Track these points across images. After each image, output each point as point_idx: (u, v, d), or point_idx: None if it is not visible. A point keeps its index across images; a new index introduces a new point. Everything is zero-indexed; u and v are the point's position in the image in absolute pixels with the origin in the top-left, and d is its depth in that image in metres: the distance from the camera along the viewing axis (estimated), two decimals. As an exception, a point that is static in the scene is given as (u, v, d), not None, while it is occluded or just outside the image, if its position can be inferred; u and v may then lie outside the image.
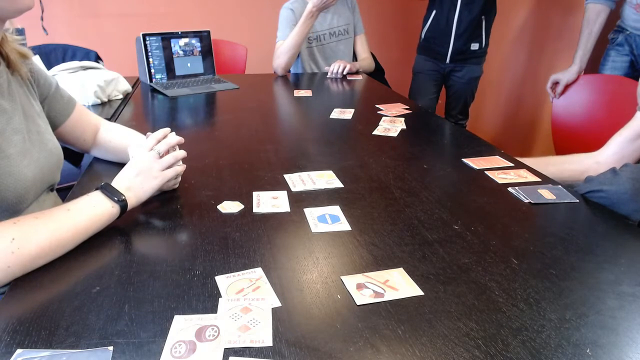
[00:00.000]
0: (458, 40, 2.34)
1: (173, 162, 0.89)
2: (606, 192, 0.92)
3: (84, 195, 0.77)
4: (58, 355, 0.53)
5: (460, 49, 2.36)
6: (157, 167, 0.86)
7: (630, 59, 2.06)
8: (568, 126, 1.96)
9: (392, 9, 2.95)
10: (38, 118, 0.87)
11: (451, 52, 2.37)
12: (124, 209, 0.79)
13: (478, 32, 2.34)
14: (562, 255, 0.77)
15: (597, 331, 0.60)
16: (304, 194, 0.96)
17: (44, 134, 0.86)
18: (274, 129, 1.47)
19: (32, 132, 0.83)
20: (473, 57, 2.39)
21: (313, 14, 2.02)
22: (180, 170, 0.92)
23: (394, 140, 1.32)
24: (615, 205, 0.90)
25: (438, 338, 0.58)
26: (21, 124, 0.80)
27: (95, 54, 2.09)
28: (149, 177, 0.85)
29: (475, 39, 2.35)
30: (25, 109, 0.84)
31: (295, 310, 0.62)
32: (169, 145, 0.89)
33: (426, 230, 0.83)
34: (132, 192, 0.82)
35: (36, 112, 0.87)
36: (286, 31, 2.12)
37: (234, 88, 1.90)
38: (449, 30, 2.33)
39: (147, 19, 2.67)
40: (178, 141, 0.90)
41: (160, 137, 0.89)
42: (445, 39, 2.36)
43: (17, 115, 0.80)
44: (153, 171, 0.86)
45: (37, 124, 0.85)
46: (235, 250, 0.76)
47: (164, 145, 0.88)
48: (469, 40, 2.34)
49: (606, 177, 0.94)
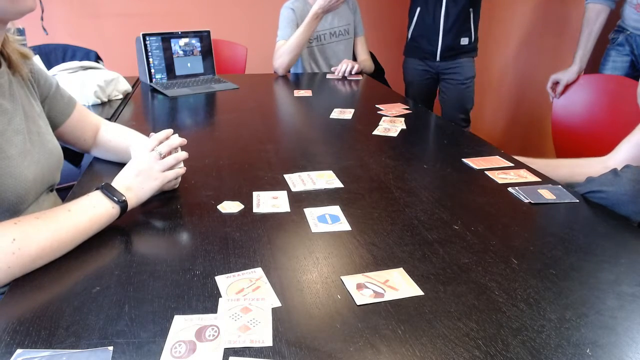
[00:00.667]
0: (447, 36, 2.28)
1: (174, 164, 0.89)
2: (606, 193, 0.92)
3: (84, 196, 0.77)
4: (58, 355, 0.53)
5: (449, 45, 2.30)
6: (157, 168, 0.86)
7: (631, 59, 2.06)
8: (568, 126, 1.96)
9: (392, 8, 2.95)
10: (38, 119, 0.87)
11: (440, 49, 2.31)
12: (124, 210, 0.79)
13: (467, 26, 2.29)
14: (562, 255, 0.77)
15: (597, 331, 0.60)
16: (304, 194, 0.96)
17: (44, 135, 0.86)
18: (274, 129, 1.47)
19: (33, 133, 0.83)
20: (463, 52, 2.33)
21: (318, 15, 2.02)
22: (180, 172, 0.92)
23: (394, 140, 1.32)
24: (615, 207, 0.90)
25: (438, 338, 0.58)
26: (22, 125, 0.80)
27: (95, 54, 2.09)
28: (149, 178, 0.85)
29: (464, 33, 2.29)
30: (26, 109, 0.84)
31: (295, 310, 0.62)
32: (170, 146, 0.89)
33: (426, 230, 0.83)
34: (132, 192, 0.82)
35: (37, 113, 0.87)
36: (287, 30, 2.12)
37: (234, 88, 1.90)
38: (437, 27, 2.28)
39: (147, 19, 2.67)
40: (180, 143, 0.90)
41: (162, 138, 0.89)
42: (433, 36, 2.30)
43: (18, 116, 0.80)
44: (153, 172, 0.86)
45: (37, 124, 0.86)
46: (235, 250, 0.76)
47: (165, 146, 0.88)
48: (458, 35, 2.29)
49: (607, 178, 0.94)
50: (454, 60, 2.35)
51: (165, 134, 0.90)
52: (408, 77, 2.50)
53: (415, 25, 2.37)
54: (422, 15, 2.31)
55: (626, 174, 0.92)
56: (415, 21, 2.35)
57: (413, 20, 2.37)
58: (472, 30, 2.31)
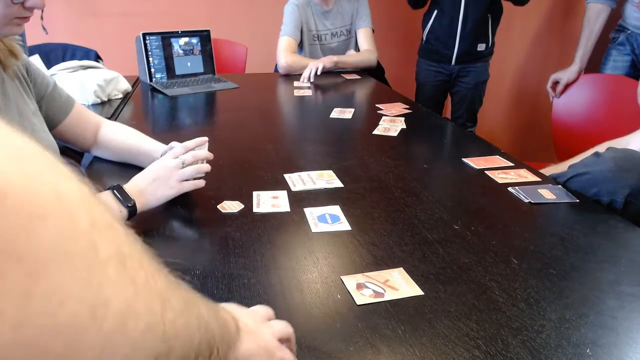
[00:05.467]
0: (464, 41, 2.19)
1: (194, 175, 0.87)
2: (591, 173, 0.94)
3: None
4: (58, 355, 0.53)
5: (466, 50, 2.22)
6: (176, 177, 0.84)
7: (632, 58, 2.06)
8: (568, 126, 1.96)
9: (392, 8, 2.95)
10: (33, 116, 0.86)
11: (456, 54, 2.23)
12: (132, 214, 0.78)
13: (484, 32, 2.20)
14: (562, 255, 0.77)
15: (597, 331, 0.60)
16: (304, 193, 0.96)
17: (38, 132, 0.85)
18: (274, 129, 1.47)
19: (27, 130, 0.82)
20: (480, 58, 2.26)
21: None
22: (199, 185, 0.89)
23: (394, 140, 1.32)
24: (600, 184, 0.92)
25: (438, 338, 0.58)
26: (14, 123, 0.80)
27: (95, 53, 2.09)
28: (165, 186, 0.83)
29: (481, 38, 2.21)
30: (19, 107, 0.83)
31: (295, 310, 0.62)
32: (195, 157, 0.87)
33: (426, 230, 0.83)
34: (143, 196, 0.81)
35: (31, 111, 0.86)
36: (290, 27, 2.12)
37: (234, 87, 1.90)
38: (454, 31, 2.19)
39: (147, 18, 2.67)
40: (206, 156, 0.89)
41: (190, 147, 0.87)
42: (450, 40, 2.22)
43: (10, 113, 0.80)
44: (170, 181, 0.84)
45: (31, 122, 0.85)
46: (235, 250, 0.76)
47: (190, 156, 0.86)
48: (475, 41, 2.20)
49: (590, 160, 0.97)
50: (470, 65, 2.27)
51: (195, 143, 0.88)
52: (420, 78, 2.44)
53: (430, 28, 2.29)
54: (439, 19, 2.23)
55: (608, 153, 0.95)
56: (432, 24, 2.27)
57: (429, 22, 2.29)
58: (490, 36, 2.24)
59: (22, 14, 0.73)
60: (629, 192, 0.89)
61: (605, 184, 0.91)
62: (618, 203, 0.90)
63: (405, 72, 2.73)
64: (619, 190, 0.89)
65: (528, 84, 3.16)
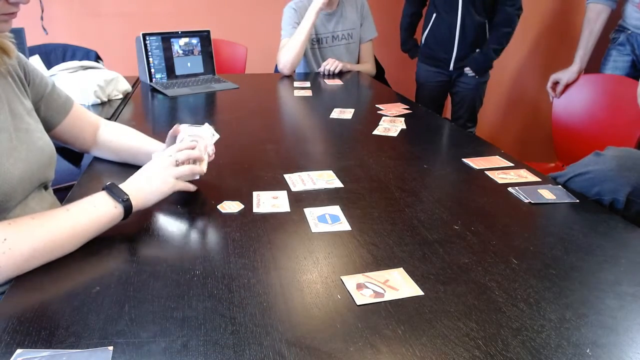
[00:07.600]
0: (462, 47, 2.21)
1: (188, 174, 0.88)
2: (592, 172, 0.94)
3: (88, 196, 0.77)
4: (58, 355, 0.53)
5: (464, 55, 2.23)
6: (170, 172, 0.85)
7: (632, 58, 2.05)
8: (568, 126, 1.96)
9: (392, 8, 2.95)
10: (27, 116, 0.85)
11: (455, 58, 2.24)
12: (128, 211, 0.78)
13: (483, 37, 2.21)
14: (562, 255, 0.77)
15: (597, 331, 0.60)
16: (304, 193, 0.96)
17: (33, 132, 0.85)
18: (274, 129, 1.47)
19: (20, 130, 0.81)
20: None
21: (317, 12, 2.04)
22: (190, 188, 0.90)
23: (394, 140, 1.32)
24: (602, 184, 0.92)
25: (438, 338, 0.58)
26: (6, 122, 0.78)
27: (95, 53, 2.09)
28: (159, 181, 0.84)
29: (479, 44, 2.21)
30: (12, 106, 0.82)
31: (295, 310, 0.62)
32: (188, 156, 0.88)
33: (426, 230, 0.83)
34: (139, 193, 0.81)
35: (25, 110, 0.85)
36: (290, 30, 2.12)
37: (234, 88, 1.90)
38: (452, 37, 2.20)
39: (147, 18, 2.67)
40: (197, 157, 0.90)
41: (184, 148, 0.89)
42: (448, 45, 2.23)
43: (2, 113, 0.79)
44: (165, 176, 0.85)
45: (25, 122, 0.84)
46: (235, 250, 0.76)
47: (183, 154, 0.87)
48: (473, 46, 2.21)
49: (590, 159, 0.97)
50: None
51: (187, 145, 0.89)
52: (420, 78, 2.44)
53: (429, 31, 2.30)
54: (438, 23, 2.24)
55: (608, 151, 0.95)
56: (430, 27, 2.28)
57: (428, 26, 2.30)
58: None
59: (7, 10, 0.72)
60: (630, 191, 0.89)
61: (607, 183, 0.91)
62: (620, 202, 0.90)
63: (405, 72, 2.74)
64: (620, 189, 0.89)
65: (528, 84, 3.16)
